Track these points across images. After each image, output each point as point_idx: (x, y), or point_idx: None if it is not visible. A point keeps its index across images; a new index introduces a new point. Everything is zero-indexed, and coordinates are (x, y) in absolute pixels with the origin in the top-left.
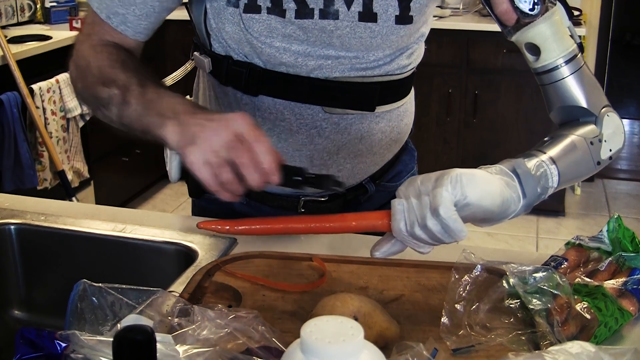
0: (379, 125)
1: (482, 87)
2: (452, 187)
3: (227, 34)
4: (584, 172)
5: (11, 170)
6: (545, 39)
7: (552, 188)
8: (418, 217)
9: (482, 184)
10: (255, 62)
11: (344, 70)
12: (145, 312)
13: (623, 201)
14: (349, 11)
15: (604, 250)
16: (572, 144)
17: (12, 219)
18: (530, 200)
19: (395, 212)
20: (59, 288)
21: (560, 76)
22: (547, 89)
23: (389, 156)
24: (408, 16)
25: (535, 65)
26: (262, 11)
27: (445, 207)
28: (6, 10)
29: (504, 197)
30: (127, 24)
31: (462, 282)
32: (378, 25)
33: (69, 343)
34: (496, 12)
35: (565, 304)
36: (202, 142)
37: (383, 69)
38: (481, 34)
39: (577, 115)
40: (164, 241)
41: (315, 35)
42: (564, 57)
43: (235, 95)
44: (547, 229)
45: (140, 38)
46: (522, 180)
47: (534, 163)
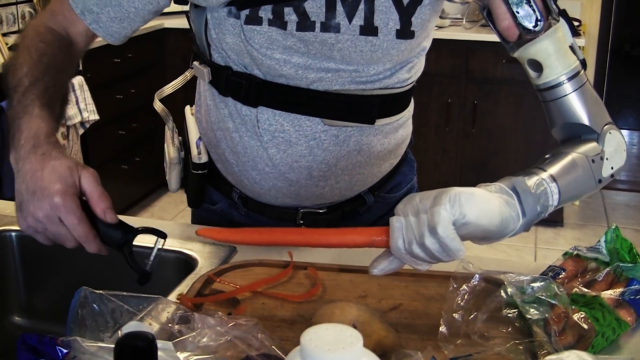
0: (377, 138)
1: (481, 97)
2: (450, 206)
3: (228, 45)
4: (585, 190)
5: (11, 177)
6: (548, 55)
7: (552, 206)
8: (416, 235)
9: (480, 203)
10: (255, 73)
11: (344, 83)
12: (146, 319)
13: (621, 212)
14: (350, 25)
15: (601, 261)
16: (573, 162)
17: (13, 225)
18: (530, 218)
19: (393, 229)
20: (59, 294)
21: (562, 93)
22: (549, 106)
23: (387, 168)
24: (410, 31)
25: (537, 82)
26: (263, 23)
27: (443, 226)
28: (7, 18)
29: (503, 216)
30: (99, 23)
31: (460, 291)
32: (379, 39)
33: (71, 349)
34: (498, 27)
35: (563, 314)
36: (25, 210)
37: (383, 83)
38: (480, 44)
39: (579, 132)
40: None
41: (316, 48)
42: (567, 74)
43: (235, 106)
44: (545, 239)
45: (110, 40)
46: (521, 199)
47: (534, 181)
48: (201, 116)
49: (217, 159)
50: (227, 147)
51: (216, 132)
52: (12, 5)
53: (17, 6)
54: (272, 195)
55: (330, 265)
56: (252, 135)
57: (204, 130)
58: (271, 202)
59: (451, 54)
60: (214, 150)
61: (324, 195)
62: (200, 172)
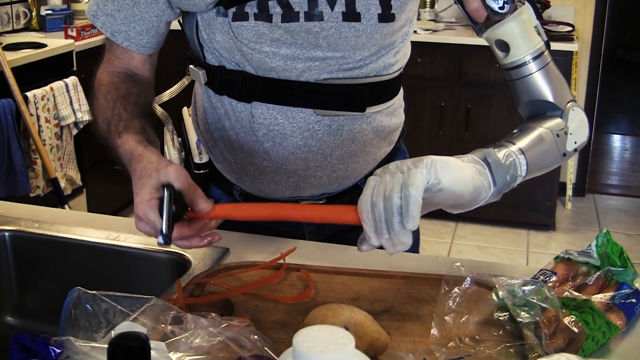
0: (370, 126)
1: (475, 100)
2: (427, 171)
3: (219, 44)
4: (551, 162)
5: (4, 176)
6: (514, 36)
7: (520, 177)
8: (387, 189)
9: (455, 171)
10: (247, 69)
11: (332, 71)
12: (139, 319)
13: (613, 216)
14: (333, 12)
15: (592, 265)
16: (540, 136)
17: (6, 225)
18: (500, 187)
19: (367, 186)
20: (52, 295)
21: (528, 72)
22: (515, 84)
23: (381, 155)
24: (390, 14)
25: (504, 62)
26: (249, 18)
27: (416, 187)
28: (1, 18)
29: (475, 184)
30: (130, 40)
31: (451, 294)
32: (362, 25)
33: (64, 349)
34: (467, 9)
35: (554, 317)
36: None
37: (370, 68)
38: (474, 48)
39: (544, 109)
40: (157, 250)
41: (302, 38)
42: (532, 53)
43: (230, 104)
44: (537, 242)
45: (145, 52)
46: (492, 169)
47: (503, 153)
48: (198, 118)
49: (215, 158)
50: (224, 147)
51: (213, 132)
52: (7, 5)
53: (12, 6)
54: (272, 189)
55: (322, 268)
56: (248, 131)
57: (202, 132)
58: (272, 196)
59: (445, 57)
60: (213, 151)
61: (322, 185)
62: (202, 171)
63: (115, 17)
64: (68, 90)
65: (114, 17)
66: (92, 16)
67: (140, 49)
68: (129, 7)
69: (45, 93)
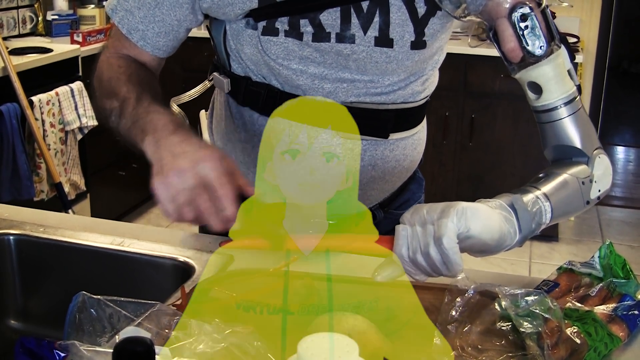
0: (392, 153)
1: (479, 110)
2: (457, 220)
3: (246, 55)
4: (574, 209)
5: (9, 180)
6: (548, 80)
7: (544, 224)
8: (421, 244)
9: (484, 218)
10: (273, 83)
11: (360, 95)
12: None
13: (616, 228)
14: (365, 36)
15: (595, 276)
16: (565, 183)
17: (11, 229)
18: (525, 235)
19: (399, 237)
20: (56, 299)
21: (558, 117)
22: (544, 127)
23: (399, 184)
24: (422, 41)
25: (535, 104)
26: (279, 34)
27: (448, 238)
28: (8, 22)
29: (502, 231)
30: (146, 40)
31: (455, 303)
32: (394, 51)
33: (68, 353)
34: (503, 49)
35: (556, 328)
36: (169, 179)
37: (397, 94)
38: (479, 58)
39: (571, 154)
40: (161, 256)
41: (332, 58)
42: (564, 99)
43: (251, 116)
44: (540, 253)
45: (159, 54)
46: (519, 216)
47: (529, 199)
48: (213, 125)
49: None
50: (237, 158)
51: (226, 143)
52: (13, 10)
53: (18, 10)
54: None
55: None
56: None
57: (215, 140)
58: None
59: (449, 67)
60: None
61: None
62: None
63: (135, 14)
64: (73, 95)
65: (133, 14)
66: (111, 10)
67: (155, 51)
68: (151, 7)
69: (50, 98)
